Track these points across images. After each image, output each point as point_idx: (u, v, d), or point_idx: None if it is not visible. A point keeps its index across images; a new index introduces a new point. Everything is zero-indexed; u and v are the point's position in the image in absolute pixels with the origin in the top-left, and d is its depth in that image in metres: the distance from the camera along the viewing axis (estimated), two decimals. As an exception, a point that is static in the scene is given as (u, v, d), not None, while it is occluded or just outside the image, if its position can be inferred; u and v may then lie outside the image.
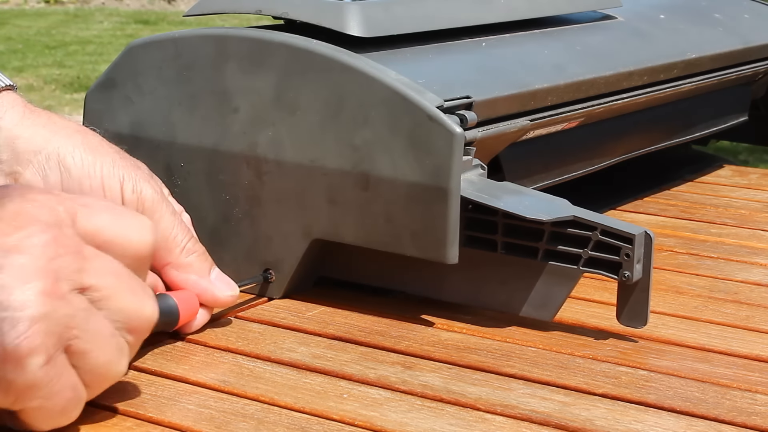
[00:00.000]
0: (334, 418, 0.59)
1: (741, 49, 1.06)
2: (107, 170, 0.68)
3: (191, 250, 0.69)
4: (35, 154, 0.67)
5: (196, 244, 0.70)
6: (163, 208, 0.68)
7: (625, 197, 1.05)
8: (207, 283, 0.69)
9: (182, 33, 0.77)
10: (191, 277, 0.68)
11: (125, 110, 0.79)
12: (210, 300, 0.69)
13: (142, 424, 0.58)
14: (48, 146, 0.68)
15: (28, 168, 0.67)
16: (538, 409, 0.60)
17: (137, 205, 0.67)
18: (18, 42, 5.78)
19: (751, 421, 0.60)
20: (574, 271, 0.70)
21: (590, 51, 0.90)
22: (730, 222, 0.99)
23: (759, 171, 1.19)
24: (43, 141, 0.68)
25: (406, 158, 0.69)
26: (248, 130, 0.74)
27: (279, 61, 0.73)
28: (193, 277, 0.69)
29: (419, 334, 0.71)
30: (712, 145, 1.33)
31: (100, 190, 0.67)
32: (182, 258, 0.68)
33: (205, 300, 0.69)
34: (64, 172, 0.67)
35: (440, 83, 0.72)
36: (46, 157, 0.67)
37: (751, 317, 0.75)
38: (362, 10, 0.76)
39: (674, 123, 1.04)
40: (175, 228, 0.69)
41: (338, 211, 0.72)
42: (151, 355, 0.66)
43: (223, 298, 0.69)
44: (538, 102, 0.80)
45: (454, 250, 0.69)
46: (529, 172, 0.85)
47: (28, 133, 0.68)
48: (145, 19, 6.74)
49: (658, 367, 0.66)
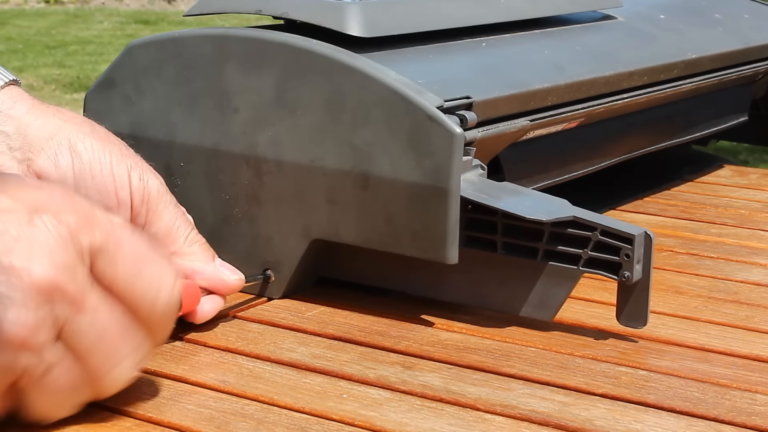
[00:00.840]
0: (333, 418, 0.59)
1: (741, 49, 1.06)
2: (116, 158, 0.69)
3: (194, 240, 0.70)
4: (47, 141, 0.68)
5: (198, 235, 0.71)
6: (168, 199, 0.70)
7: (625, 197, 1.05)
8: (213, 268, 0.70)
9: (182, 33, 0.77)
10: (196, 264, 0.69)
11: (125, 110, 0.79)
12: (218, 284, 0.70)
13: (142, 424, 0.58)
14: (59, 133, 0.69)
15: (41, 155, 0.68)
16: (537, 409, 0.60)
17: (143, 193, 0.68)
18: (18, 42, 5.78)
19: (751, 421, 0.60)
20: (573, 271, 0.70)
21: (590, 51, 0.90)
22: (730, 222, 0.99)
23: (759, 171, 1.19)
24: (54, 128, 0.69)
25: (406, 158, 0.69)
26: (248, 130, 0.74)
27: (279, 61, 0.73)
28: (199, 264, 0.70)
29: (419, 334, 0.71)
30: (712, 145, 1.33)
31: (110, 175, 0.68)
32: (186, 247, 0.69)
33: (212, 285, 0.70)
34: (75, 158, 0.68)
35: (440, 83, 0.72)
36: (57, 143, 0.68)
37: (751, 317, 0.75)
38: (362, 10, 0.76)
39: (674, 123, 1.04)
40: (179, 219, 0.70)
41: (338, 211, 0.72)
42: (150, 355, 0.66)
43: (231, 282, 0.70)
44: (538, 102, 0.80)
45: (454, 251, 0.69)
46: (529, 172, 0.85)
47: (39, 121, 0.69)
48: (145, 19, 6.74)
49: (658, 367, 0.66)
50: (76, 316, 0.54)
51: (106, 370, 0.56)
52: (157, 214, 0.69)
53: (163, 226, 0.69)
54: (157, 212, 0.69)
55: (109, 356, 0.56)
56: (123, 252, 0.56)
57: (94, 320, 0.55)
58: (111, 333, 0.56)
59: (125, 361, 0.57)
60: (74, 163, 0.68)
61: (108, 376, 0.57)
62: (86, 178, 0.68)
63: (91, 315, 0.55)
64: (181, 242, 0.69)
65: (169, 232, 0.69)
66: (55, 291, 0.53)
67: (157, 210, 0.69)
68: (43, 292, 0.53)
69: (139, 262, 0.57)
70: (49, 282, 0.53)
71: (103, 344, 0.56)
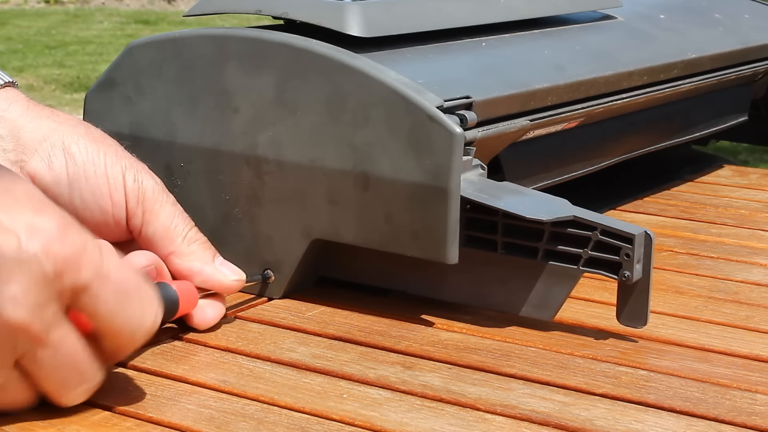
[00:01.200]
0: (334, 418, 0.59)
1: (741, 49, 1.06)
2: (110, 159, 0.69)
3: (193, 239, 0.70)
4: (40, 143, 0.68)
5: (198, 233, 0.70)
6: (164, 198, 0.69)
7: (625, 197, 1.05)
8: (212, 269, 0.69)
9: (182, 33, 0.77)
10: (195, 264, 0.69)
11: (125, 110, 0.79)
12: (216, 285, 0.69)
13: (142, 424, 0.58)
14: (53, 135, 0.69)
15: (34, 156, 0.68)
16: (538, 409, 0.60)
17: (138, 194, 0.68)
18: (18, 42, 5.78)
19: (751, 421, 0.60)
20: (574, 271, 0.70)
21: (590, 51, 0.90)
22: (730, 222, 0.99)
23: (759, 171, 1.19)
24: (48, 130, 0.69)
25: (406, 158, 0.69)
26: (248, 130, 0.74)
27: (279, 61, 0.73)
28: (198, 264, 0.69)
29: (419, 334, 0.71)
30: (712, 145, 1.32)
31: (104, 177, 0.68)
32: (184, 246, 0.69)
33: (211, 286, 0.69)
34: (69, 159, 0.68)
35: (440, 83, 0.72)
36: (51, 145, 0.68)
37: (751, 317, 0.75)
38: (362, 10, 0.76)
39: (674, 123, 1.04)
40: (176, 218, 0.69)
41: (338, 211, 0.72)
42: (151, 355, 0.66)
43: (229, 283, 0.70)
44: (538, 102, 0.80)
45: (454, 250, 0.69)
46: (529, 172, 0.85)
47: (33, 124, 0.69)
48: (145, 19, 6.74)
49: (658, 367, 0.66)
50: (38, 350, 0.55)
51: (59, 395, 0.57)
52: (153, 214, 0.69)
53: (160, 226, 0.69)
54: (154, 212, 0.69)
55: (63, 384, 0.57)
56: (107, 289, 0.56)
57: (54, 354, 0.55)
58: (69, 365, 0.56)
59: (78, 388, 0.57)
60: (68, 164, 0.68)
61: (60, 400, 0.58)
62: (80, 179, 0.68)
63: (52, 349, 0.55)
64: (180, 241, 0.69)
65: (167, 231, 0.69)
66: (19, 330, 0.54)
67: (153, 210, 0.69)
68: (8, 331, 0.53)
69: (123, 298, 0.56)
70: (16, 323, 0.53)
71: (58, 374, 0.56)
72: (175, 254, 0.69)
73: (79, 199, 0.68)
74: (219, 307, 0.70)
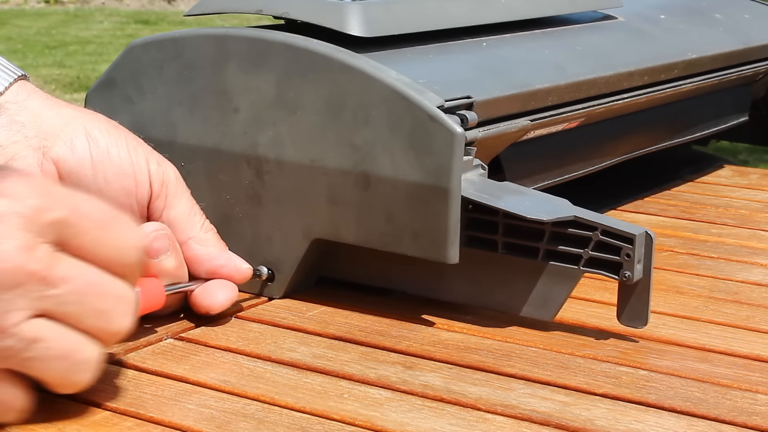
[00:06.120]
0: (334, 418, 0.59)
1: (741, 49, 1.06)
2: (132, 144, 0.71)
3: (209, 228, 0.73)
4: (62, 128, 0.70)
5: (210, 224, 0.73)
6: (184, 187, 0.72)
7: (625, 197, 1.05)
8: (229, 255, 0.72)
9: (183, 33, 0.77)
10: (212, 250, 0.72)
11: (126, 110, 0.79)
12: (233, 270, 0.72)
13: (143, 424, 0.58)
14: (74, 122, 0.70)
15: (57, 141, 0.70)
16: (538, 409, 0.60)
17: (163, 177, 0.71)
18: (18, 42, 5.78)
19: (752, 421, 0.60)
20: (574, 271, 0.70)
21: (591, 51, 0.90)
22: (731, 222, 0.99)
23: (759, 171, 1.19)
24: (69, 117, 0.71)
25: (407, 158, 0.69)
26: (249, 130, 0.74)
27: (279, 61, 0.73)
28: (214, 250, 0.72)
29: (419, 334, 0.71)
30: (712, 145, 1.33)
31: (128, 158, 0.70)
32: (202, 234, 0.72)
33: (227, 271, 0.71)
34: (92, 143, 0.70)
35: (441, 83, 0.72)
36: (73, 129, 0.70)
37: (752, 317, 0.75)
38: (363, 10, 0.76)
39: (674, 123, 1.04)
40: (195, 206, 0.72)
41: (339, 211, 0.72)
42: (151, 355, 0.66)
43: (245, 270, 0.72)
44: (538, 102, 0.80)
45: (455, 250, 0.69)
46: (529, 172, 0.85)
47: (53, 111, 0.71)
48: (145, 19, 6.74)
49: (659, 367, 0.66)
50: (52, 291, 0.55)
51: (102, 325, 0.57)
52: (177, 198, 0.71)
53: (182, 211, 0.71)
54: (177, 196, 0.71)
55: (99, 312, 0.56)
56: (87, 219, 0.56)
57: (70, 287, 0.55)
58: (96, 293, 0.56)
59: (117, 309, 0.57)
60: (91, 147, 0.70)
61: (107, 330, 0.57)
62: (104, 161, 0.70)
63: (65, 284, 0.55)
64: (198, 228, 0.72)
65: (188, 217, 0.72)
66: (19, 274, 0.53)
67: (176, 194, 0.71)
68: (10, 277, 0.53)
69: (104, 225, 0.57)
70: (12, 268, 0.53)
71: (89, 304, 0.56)
72: (195, 239, 0.71)
73: (103, 180, 0.70)
74: (231, 288, 0.72)
